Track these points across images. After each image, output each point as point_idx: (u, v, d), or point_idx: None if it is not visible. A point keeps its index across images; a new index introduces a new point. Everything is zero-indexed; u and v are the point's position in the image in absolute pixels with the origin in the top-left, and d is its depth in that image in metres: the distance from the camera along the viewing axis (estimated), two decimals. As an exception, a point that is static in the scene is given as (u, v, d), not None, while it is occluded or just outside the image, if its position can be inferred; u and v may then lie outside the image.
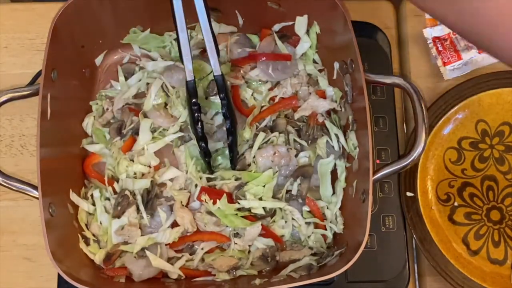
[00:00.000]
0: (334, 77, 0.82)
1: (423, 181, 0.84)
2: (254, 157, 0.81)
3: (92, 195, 0.79)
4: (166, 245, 0.78)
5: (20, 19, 0.89)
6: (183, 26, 0.70)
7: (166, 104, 0.83)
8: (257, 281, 0.73)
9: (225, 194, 0.78)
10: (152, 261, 0.75)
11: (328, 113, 0.83)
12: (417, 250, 0.84)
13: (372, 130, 0.72)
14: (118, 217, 0.77)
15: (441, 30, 0.89)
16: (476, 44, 0.58)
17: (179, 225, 0.78)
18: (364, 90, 0.72)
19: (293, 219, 0.80)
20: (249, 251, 0.79)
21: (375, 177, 0.71)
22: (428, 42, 0.88)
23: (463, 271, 0.80)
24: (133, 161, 0.81)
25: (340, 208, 0.80)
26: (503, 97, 0.86)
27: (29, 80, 0.84)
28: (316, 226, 0.80)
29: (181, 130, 0.82)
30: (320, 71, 0.85)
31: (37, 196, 0.69)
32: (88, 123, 0.83)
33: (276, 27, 0.85)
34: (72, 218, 0.77)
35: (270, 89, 0.85)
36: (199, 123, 0.74)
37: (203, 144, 0.76)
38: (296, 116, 0.83)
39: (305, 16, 0.82)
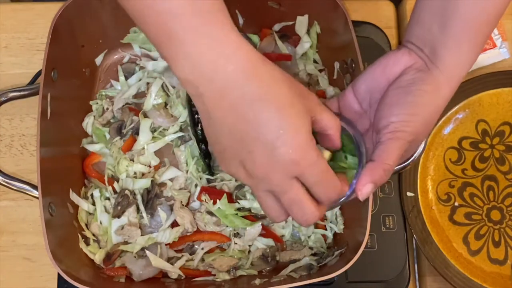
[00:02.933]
0: (335, 77, 0.82)
1: (423, 181, 0.84)
2: (254, 157, 0.80)
3: (92, 195, 0.79)
4: (166, 245, 0.78)
5: (20, 19, 0.89)
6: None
7: (166, 104, 0.82)
8: (257, 281, 0.73)
9: (225, 194, 0.78)
10: (152, 261, 0.75)
11: (328, 113, 0.83)
12: (417, 250, 0.84)
13: (372, 130, 0.72)
14: (118, 216, 0.77)
15: (441, 30, 0.89)
16: None
17: (179, 225, 0.78)
18: (365, 90, 0.72)
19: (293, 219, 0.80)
20: (249, 251, 0.79)
21: (376, 177, 0.71)
22: (428, 42, 0.88)
23: (463, 271, 0.80)
24: (133, 160, 0.80)
25: (340, 208, 0.80)
26: (503, 97, 0.86)
27: (29, 80, 0.84)
28: (316, 226, 0.80)
29: (181, 130, 0.82)
30: (320, 71, 0.85)
31: (37, 196, 0.69)
32: (88, 123, 0.83)
33: (277, 26, 0.85)
34: (72, 218, 0.77)
35: (271, 89, 0.85)
36: (199, 125, 0.74)
37: (203, 146, 0.76)
38: (296, 116, 0.82)
39: (306, 16, 0.82)
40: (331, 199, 0.56)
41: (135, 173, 0.80)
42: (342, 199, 0.61)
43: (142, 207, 0.78)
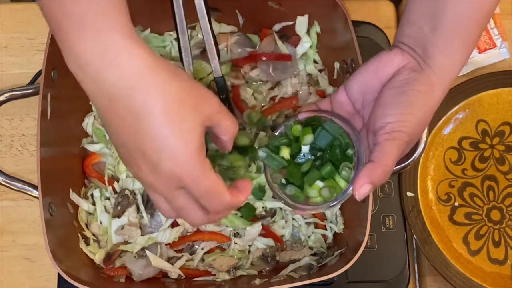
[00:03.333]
0: (335, 77, 0.82)
1: (423, 181, 0.84)
2: (254, 157, 0.80)
3: (92, 195, 0.79)
4: (166, 245, 0.78)
5: (20, 19, 0.89)
6: (183, 29, 0.70)
7: (166, 104, 0.82)
8: (257, 281, 0.73)
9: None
10: (152, 261, 0.75)
11: (329, 113, 0.83)
12: (417, 250, 0.84)
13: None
14: (118, 216, 0.77)
15: (441, 30, 0.89)
16: None
17: (179, 225, 0.78)
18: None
19: (293, 219, 0.80)
20: (249, 251, 0.79)
21: (376, 177, 0.71)
22: (428, 42, 0.88)
23: (463, 271, 0.80)
24: (133, 160, 0.80)
25: (340, 208, 0.80)
26: (503, 97, 0.86)
27: (29, 80, 0.84)
28: (316, 226, 0.80)
29: (181, 130, 0.82)
30: (320, 71, 0.85)
31: (37, 196, 0.69)
32: (88, 123, 0.83)
33: (277, 27, 0.85)
34: (72, 217, 0.77)
35: (271, 89, 0.85)
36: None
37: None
38: (297, 116, 0.82)
39: (306, 16, 0.82)
40: (218, 212, 0.55)
41: (135, 173, 0.80)
42: (338, 200, 0.61)
43: (142, 207, 0.78)
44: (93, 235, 0.78)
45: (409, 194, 0.83)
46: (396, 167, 0.72)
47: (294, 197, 0.62)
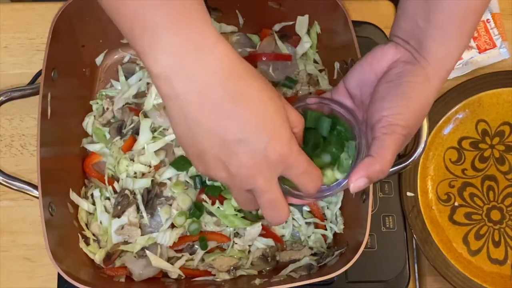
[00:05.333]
0: (335, 77, 0.82)
1: (423, 181, 0.84)
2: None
3: (92, 195, 0.79)
4: (166, 245, 0.78)
5: (20, 19, 0.89)
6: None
7: (166, 104, 0.82)
8: (257, 281, 0.73)
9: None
10: (152, 260, 0.75)
11: (329, 113, 0.83)
12: (417, 250, 0.84)
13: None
14: (118, 216, 0.77)
15: (441, 30, 0.89)
16: None
17: (179, 225, 0.79)
18: (365, 90, 0.72)
19: (293, 219, 0.80)
20: (249, 251, 0.79)
21: (376, 177, 0.71)
22: (428, 42, 0.88)
23: (463, 271, 0.80)
24: (133, 160, 0.80)
25: (340, 208, 0.80)
26: (503, 97, 0.86)
27: (29, 80, 0.84)
28: (316, 226, 0.80)
29: (181, 129, 0.82)
30: (320, 71, 0.85)
31: (37, 196, 0.69)
32: (88, 123, 0.83)
33: (277, 27, 0.85)
34: (72, 217, 0.77)
35: (270, 89, 0.85)
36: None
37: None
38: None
39: (306, 16, 0.82)
40: (316, 188, 0.56)
41: (135, 173, 0.80)
42: (333, 190, 0.60)
43: (142, 207, 0.78)
44: (93, 235, 0.78)
45: (409, 194, 0.83)
46: (396, 167, 0.72)
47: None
